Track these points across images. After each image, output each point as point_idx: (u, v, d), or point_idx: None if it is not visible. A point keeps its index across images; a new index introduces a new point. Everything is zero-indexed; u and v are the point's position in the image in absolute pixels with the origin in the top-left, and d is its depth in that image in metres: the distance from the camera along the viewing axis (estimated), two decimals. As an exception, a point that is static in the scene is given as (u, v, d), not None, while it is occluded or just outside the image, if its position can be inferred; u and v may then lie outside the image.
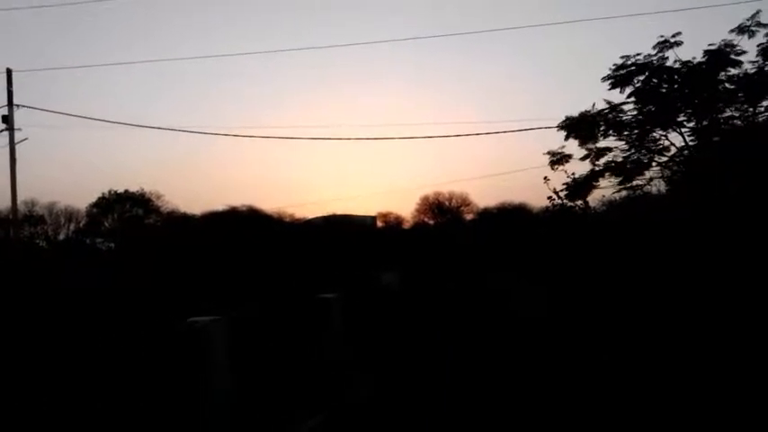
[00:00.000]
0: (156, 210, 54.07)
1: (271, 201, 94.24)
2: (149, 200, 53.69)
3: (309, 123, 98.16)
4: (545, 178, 12.05)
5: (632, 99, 16.30)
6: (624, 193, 16.17)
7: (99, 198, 52.56)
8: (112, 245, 52.51)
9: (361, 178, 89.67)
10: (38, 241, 48.96)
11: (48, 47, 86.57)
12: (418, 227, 55.77)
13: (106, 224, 52.78)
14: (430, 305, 12.87)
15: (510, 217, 42.83)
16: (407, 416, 7.49)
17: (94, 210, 52.40)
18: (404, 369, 9.81)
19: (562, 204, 11.37)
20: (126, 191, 52.98)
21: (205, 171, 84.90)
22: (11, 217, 32.51)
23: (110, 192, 52.61)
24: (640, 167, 16.33)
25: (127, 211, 53.64)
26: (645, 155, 16.34)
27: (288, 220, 52.99)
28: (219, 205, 55.64)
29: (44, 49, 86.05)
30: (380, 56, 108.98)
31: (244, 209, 51.18)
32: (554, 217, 12.21)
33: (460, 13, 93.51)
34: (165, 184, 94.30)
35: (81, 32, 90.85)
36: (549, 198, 10.78)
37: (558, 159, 16.37)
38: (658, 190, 15.88)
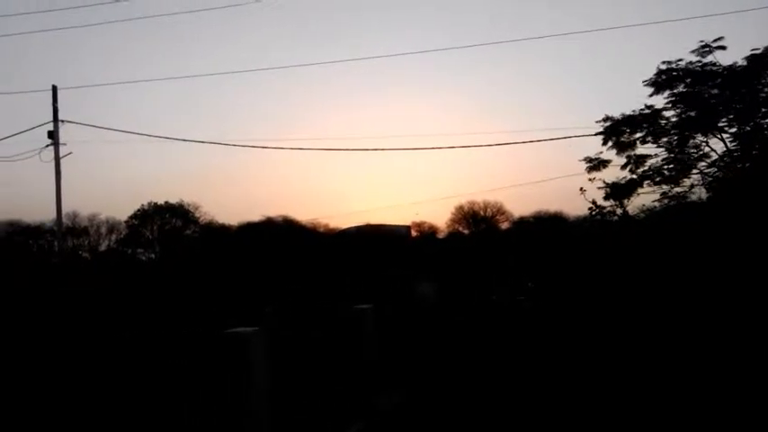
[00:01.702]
0: (195, 221, 55.02)
1: (306, 211, 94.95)
2: (188, 211, 54.66)
3: (344, 135, 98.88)
4: (581, 189, 11.88)
5: (673, 102, 16.01)
6: (665, 201, 15.79)
7: (138, 210, 53.69)
8: (153, 255, 53.64)
9: (396, 188, 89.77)
10: (81, 252, 50.29)
11: (91, 64, 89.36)
12: (453, 236, 55.53)
13: (148, 235, 53.91)
14: (466, 317, 12.79)
15: (547, 226, 42.34)
16: (441, 425, 7.46)
17: (134, 221, 53.56)
18: (439, 379, 9.79)
19: (601, 212, 11.17)
20: (166, 202, 54.03)
21: (242, 183, 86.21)
22: (56, 229, 33.51)
23: (149, 203, 53.71)
24: (681, 173, 15.97)
25: (166, 222, 54.69)
26: (686, 161, 15.99)
27: (322, 230, 53.41)
28: (256, 216, 56.34)
29: (88, 67, 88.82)
30: (411, 66, 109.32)
31: (279, 219, 51.84)
32: (593, 226, 12.03)
33: (491, 21, 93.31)
34: (202, 196, 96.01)
35: (122, 50, 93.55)
36: (590, 208, 10.60)
37: (596, 165, 16.06)
38: (699, 197, 15.51)
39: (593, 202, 10.60)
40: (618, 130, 16.43)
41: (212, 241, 48.42)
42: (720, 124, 15.66)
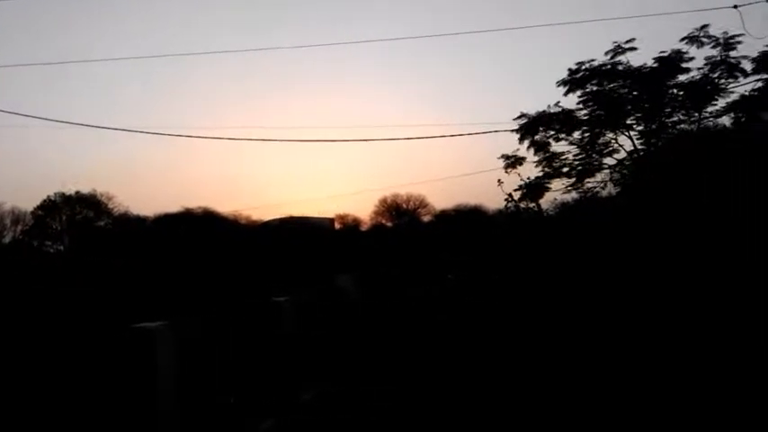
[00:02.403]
0: (108, 212, 52.62)
1: (228, 203, 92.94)
2: (100, 202, 52.18)
3: (268, 125, 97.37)
4: (499, 181, 12.19)
5: (584, 101, 16.70)
6: (575, 195, 16.55)
7: (44, 200, 50.69)
8: (61, 248, 50.94)
9: (320, 180, 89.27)
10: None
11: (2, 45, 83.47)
12: (376, 229, 55.85)
13: (56, 226, 51.14)
14: (386, 307, 12.83)
15: (467, 219, 43.29)
16: (357, 418, 7.45)
17: (39, 212, 50.58)
18: (357, 372, 9.77)
19: (517, 207, 11.50)
20: (77, 192, 51.28)
21: (162, 173, 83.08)
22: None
23: (55, 194, 50.79)
24: (591, 170, 16.71)
25: (78, 213, 52.04)
26: (596, 158, 16.73)
27: (244, 222, 52.37)
28: (175, 207, 54.50)
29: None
30: (339, 57, 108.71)
31: (199, 211, 50.39)
32: (508, 219, 12.33)
33: (421, 17, 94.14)
34: (118, 186, 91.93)
35: (33, 31, 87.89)
36: (506, 200, 10.92)
37: (512, 163, 16.61)
38: (609, 192, 16.27)
39: (509, 195, 10.94)
40: (533, 128, 16.99)
41: (126, 233, 46.50)
42: (628, 122, 16.48)
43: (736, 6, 14.13)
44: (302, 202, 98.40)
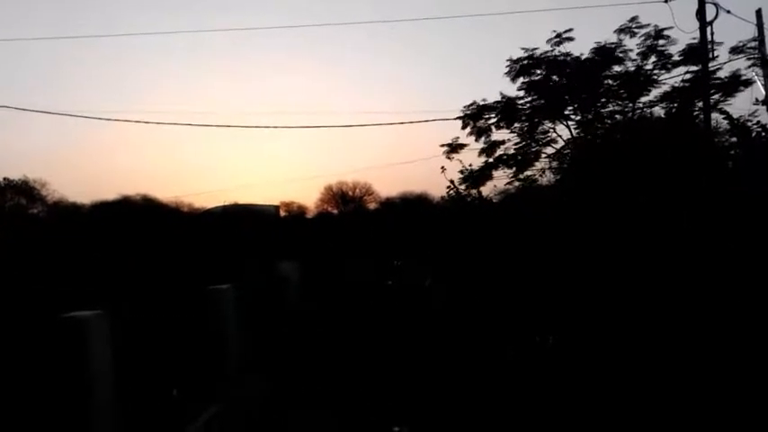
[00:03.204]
0: (42, 199, 50.48)
1: (169, 190, 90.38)
2: (33, 188, 49.99)
3: (210, 109, 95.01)
4: (442, 168, 12.30)
5: (525, 90, 17.07)
6: (517, 183, 16.91)
7: (-31, 190, 48.27)
8: (-10, 236, 48.70)
9: (265, 167, 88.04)
10: None
11: None
12: (321, 216, 55.61)
13: (-17, 215, 48.72)
14: (329, 295, 12.83)
15: (412, 206, 43.53)
16: (301, 406, 7.49)
17: (-34, 201, 48.15)
18: (300, 361, 9.78)
19: (458, 194, 11.65)
20: (5, 178, 48.97)
21: (99, 158, 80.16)
22: None
23: (-18, 181, 48.37)
24: (531, 159, 17.14)
25: (8, 200, 49.74)
26: (535, 147, 17.14)
27: (185, 209, 51.24)
28: (112, 194, 52.85)
29: None
30: (284, 41, 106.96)
31: (137, 198, 48.97)
32: (451, 206, 12.45)
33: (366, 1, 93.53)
34: (53, 172, 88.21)
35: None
36: (448, 188, 11.06)
37: (453, 149, 16.85)
38: (548, 180, 16.70)
39: (451, 182, 11.08)
40: (477, 116, 17.26)
41: (61, 221, 44.81)
42: (566, 112, 16.94)
43: (666, 0, 14.68)
44: (246, 189, 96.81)
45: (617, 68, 16.82)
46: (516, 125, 16.99)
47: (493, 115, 17.20)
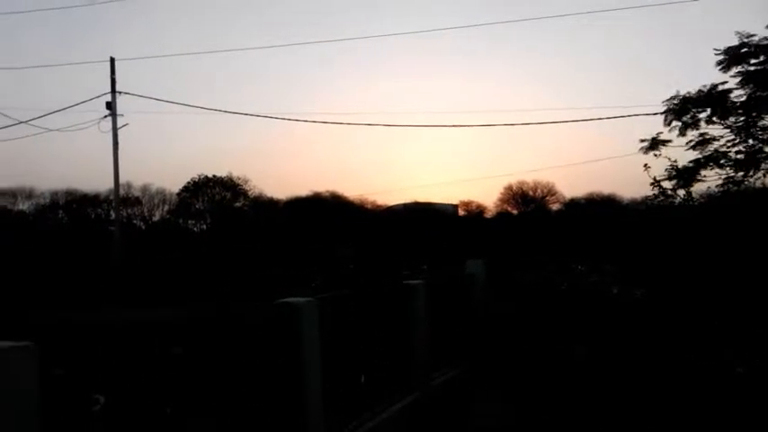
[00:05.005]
0: (244, 194, 55.83)
1: (353, 187, 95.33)
2: (237, 184, 55.47)
3: (393, 110, 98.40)
4: (645, 166, 11.39)
5: (741, 81, 15.16)
6: (729, 186, 15.01)
7: (188, 182, 54.75)
8: (204, 227, 54.83)
9: (445, 166, 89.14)
10: (134, 221, 51.73)
11: (149, 36, 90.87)
12: (500, 216, 54.89)
13: (198, 206, 55.04)
14: (517, 295, 12.50)
15: (599, 208, 41.31)
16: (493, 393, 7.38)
17: (185, 193, 54.71)
18: (490, 355, 9.68)
19: (664, 193, 10.67)
20: (214, 176, 54.88)
21: (292, 157, 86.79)
22: (112, 198, 34.54)
23: (199, 176, 54.68)
24: (750, 159, 15.16)
25: (217, 194, 55.65)
26: (756, 144, 15.15)
27: (370, 206, 53.55)
28: (304, 191, 56.80)
29: (145, 39, 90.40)
30: (464, 42, 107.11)
31: (327, 195, 52.20)
32: (652, 208, 11.50)
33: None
34: (252, 169, 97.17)
35: (180, 22, 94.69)
36: (652, 184, 10.15)
37: (653, 145, 15.31)
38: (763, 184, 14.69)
39: (655, 179, 10.16)
40: (682, 110, 15.68)
41: (262, 215, 49.18)
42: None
43: None
44: (426, 188, 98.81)
45: None
46: (731, 119, 15.13)
47: (701, 109, 15.47)
